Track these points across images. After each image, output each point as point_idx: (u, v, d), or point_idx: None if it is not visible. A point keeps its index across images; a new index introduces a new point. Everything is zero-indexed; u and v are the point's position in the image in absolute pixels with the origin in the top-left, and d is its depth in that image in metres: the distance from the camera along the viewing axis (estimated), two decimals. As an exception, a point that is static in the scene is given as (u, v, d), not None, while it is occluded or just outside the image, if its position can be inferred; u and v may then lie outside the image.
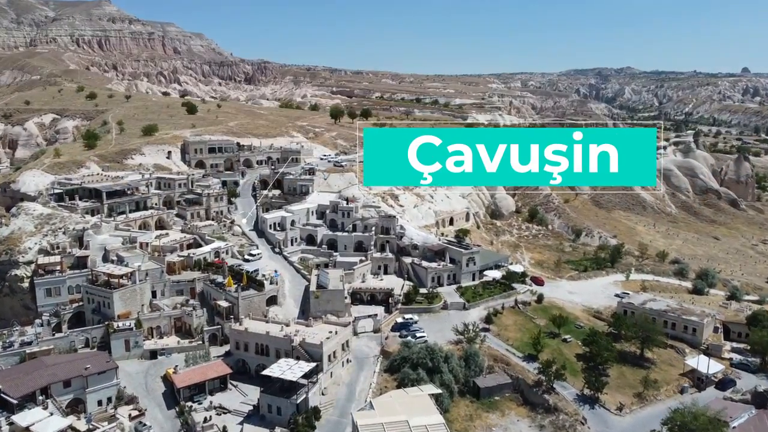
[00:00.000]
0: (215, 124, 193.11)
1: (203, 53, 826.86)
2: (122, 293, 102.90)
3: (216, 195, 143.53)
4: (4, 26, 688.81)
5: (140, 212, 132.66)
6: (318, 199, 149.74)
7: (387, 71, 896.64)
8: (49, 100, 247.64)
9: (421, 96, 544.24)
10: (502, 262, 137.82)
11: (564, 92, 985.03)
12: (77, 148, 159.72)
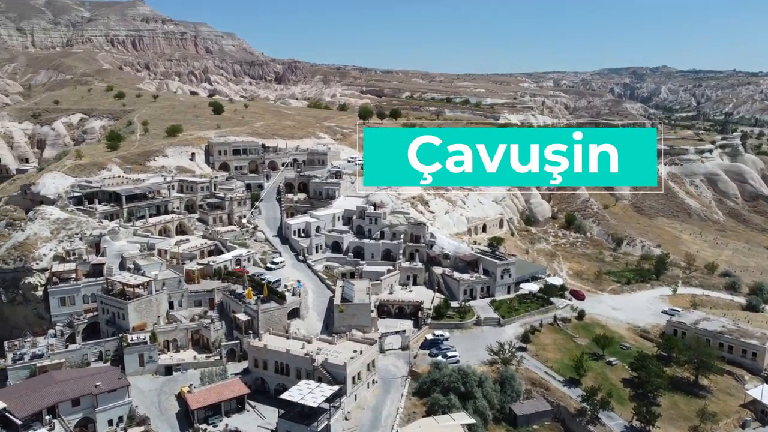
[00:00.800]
0: (241, 125, 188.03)
1: (234, 53, 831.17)
2: (137, 304, 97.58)
3: (239, 199, 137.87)
4: (41, 27, 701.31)
5: (161, 216, 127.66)
6: (344, 204, 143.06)
7: (417, 70, 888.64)
8: (78, 99, 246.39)
9: (452, 95, 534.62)
10: (539, 274, 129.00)
11: (598, 92, 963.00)
12: (100, 150, 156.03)
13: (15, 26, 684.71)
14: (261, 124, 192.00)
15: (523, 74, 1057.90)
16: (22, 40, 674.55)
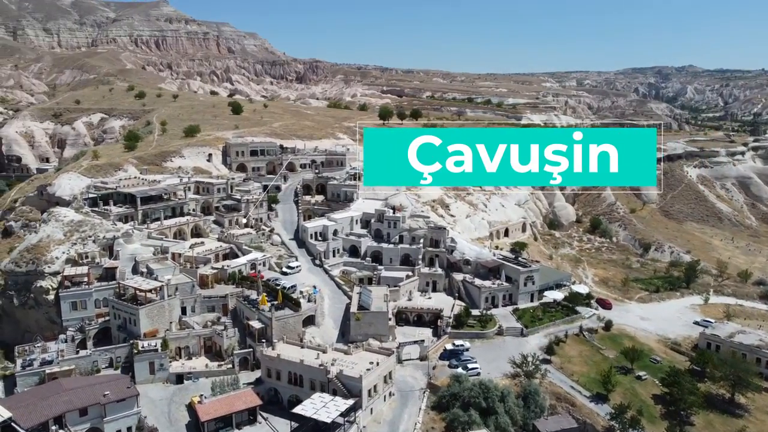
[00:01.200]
0: (259, 125, 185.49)
1: (256, 53, 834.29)
2: (149, 310, 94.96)
3: (255, 201, 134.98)
4: (67, 27, 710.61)
5: (176, 219, 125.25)
6: (363, 207, 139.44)
7: (438, 70, 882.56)
8: (99, 99, 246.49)
9: (473, 95, 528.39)
10: (563, 281, 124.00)
11: (622, 91, 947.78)
12: (117, 150, 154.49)
13: (42, 26, 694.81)
14: (279, 125, 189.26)
15: (545, 74, 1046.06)
16: (48, 40, 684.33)
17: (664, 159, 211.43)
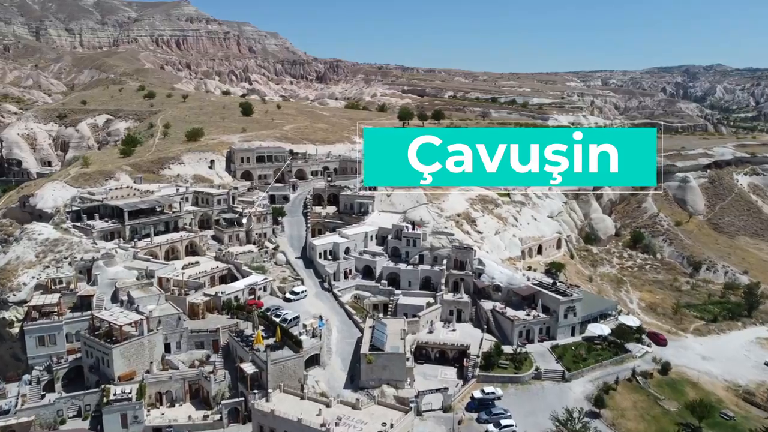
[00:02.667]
0: (268, 128, 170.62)
1: (277, 52, 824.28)
2: (125, 349, 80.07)
3: (259, 215, 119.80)
4: (89, 27, 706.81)
5: (168, 235, 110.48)
6: (379, 221, 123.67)
7: (460, 69, 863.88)
8: (108, 99, 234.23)
9: (497, 95, 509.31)
10: (609, 311, 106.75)
11: (649, 91, 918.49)
12: (112, 156, 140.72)
13: (64, 27, 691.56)
14: (291, 127, 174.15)
15: (569, 73, 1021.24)
16: (70, 40, 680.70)
17: (711, 165, 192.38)
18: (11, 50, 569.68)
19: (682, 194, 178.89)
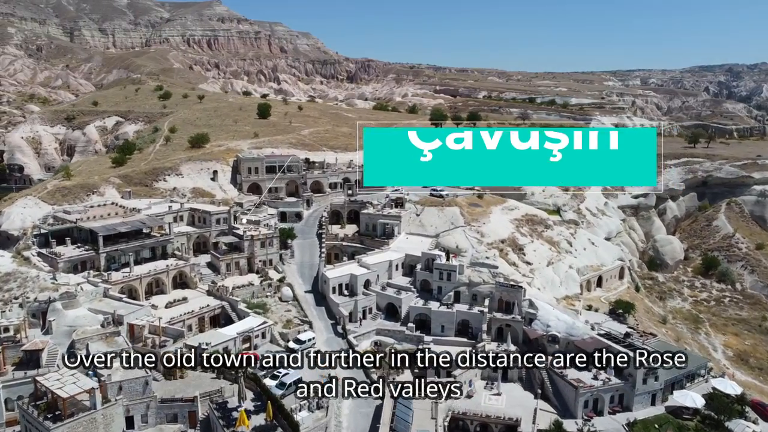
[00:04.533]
0: (285, 132, 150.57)
1: (308, 52, 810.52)
2: (71, 428, 60.60)
3: (263, 238, 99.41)
4: (122, 28, 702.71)
5: (152, 264, 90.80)
6: (406, 246, 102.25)
7: (493, 69, 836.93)
8: (121, 100, 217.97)
9: (533, 95, 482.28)
10: (699, 371, 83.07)
11: (691, 90, 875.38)
12: (102, 165, 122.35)
13: (98, 27, 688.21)
14: (309, 132, 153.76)
15: (606, 72, 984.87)
16: (104, 41, 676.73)
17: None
18: (44, 50, 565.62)
19: (761, 210, 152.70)
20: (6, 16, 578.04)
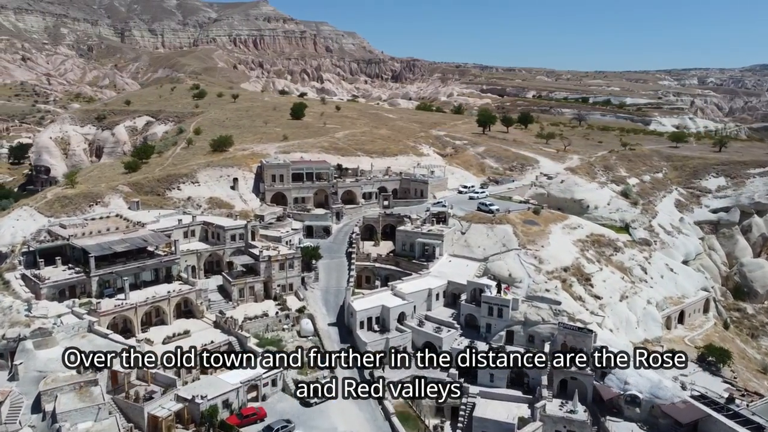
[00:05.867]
0: (317, 135, 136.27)
1: (354, 51, 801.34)
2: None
3: (281, 259, 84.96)
4: (171, 28, 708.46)
5: (154, 288, 77.65)
6: (448, 271, 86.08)
7: (541, 68, 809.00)
8: (155, 99, 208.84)
9: (584, 95, 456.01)
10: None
11: (753, 90, 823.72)
12: (115, 171, 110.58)
13: (147, 28, 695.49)
14: (344, 135, 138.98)
15: (660, 71, 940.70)
16: (153, 41, 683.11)
17: None
18: (94, 50, 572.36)
19: None
20: (60, 17, 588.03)
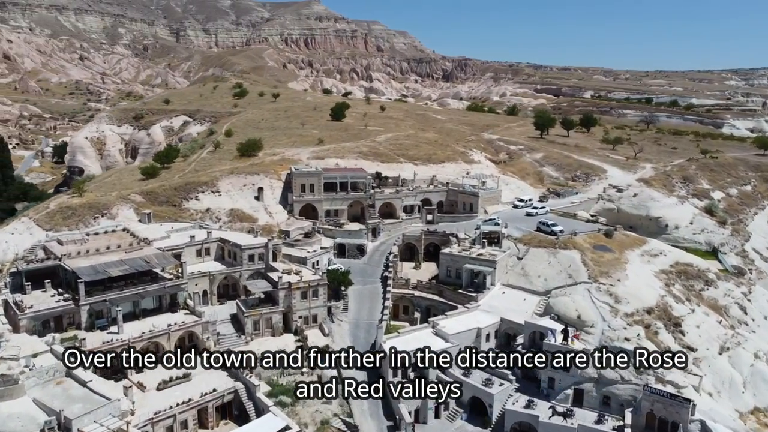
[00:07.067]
0: (356, 138, 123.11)
1: (405, 51, 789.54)
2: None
3: (304, 287, 72.01)
4: (224, 28, 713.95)
5: (153, 319, 66.03)
6: (501, 305, 71.18)
7: (598, 67, 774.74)
8: (195, 99, 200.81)
9: (646, 95, 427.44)
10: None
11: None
12: (133, 177, 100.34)
13: (202, 27, 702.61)
14: (385, 138, 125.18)
15: (726, 71, 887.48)
16: (207, 40, 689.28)
17: None
18: (149, 50, 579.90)
19: None
20: (118, 18, 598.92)
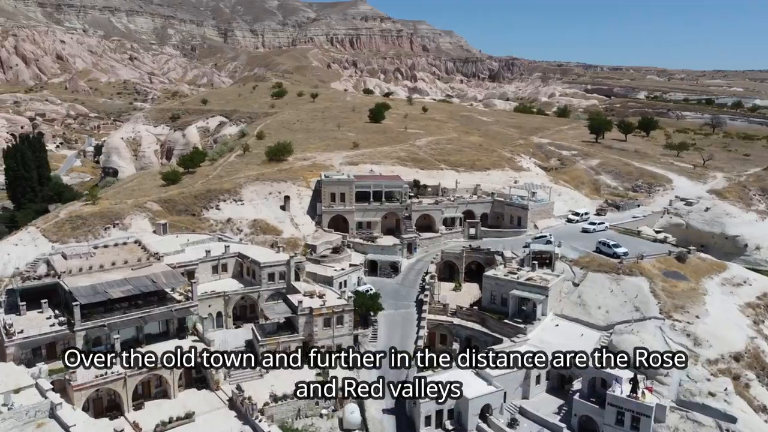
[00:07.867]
0: (394, 142, 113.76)
1: (450, 50, 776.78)
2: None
3: (328, 314, 63.19)
4: (271, 28, 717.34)
5: (155, 347, 58.43)
6: (554, 340, 60.46)
7: (651, 66, 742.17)
8: (233, 99, 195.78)
9: (705, 95, 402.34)
10: None
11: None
12: (153, 183, 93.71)
13: (249, 28, 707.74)
14: (426, 142, 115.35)
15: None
16: (253, 41, 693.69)
17: None
18: (197, 50, 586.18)
19: None
20: (167, 19, 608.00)
